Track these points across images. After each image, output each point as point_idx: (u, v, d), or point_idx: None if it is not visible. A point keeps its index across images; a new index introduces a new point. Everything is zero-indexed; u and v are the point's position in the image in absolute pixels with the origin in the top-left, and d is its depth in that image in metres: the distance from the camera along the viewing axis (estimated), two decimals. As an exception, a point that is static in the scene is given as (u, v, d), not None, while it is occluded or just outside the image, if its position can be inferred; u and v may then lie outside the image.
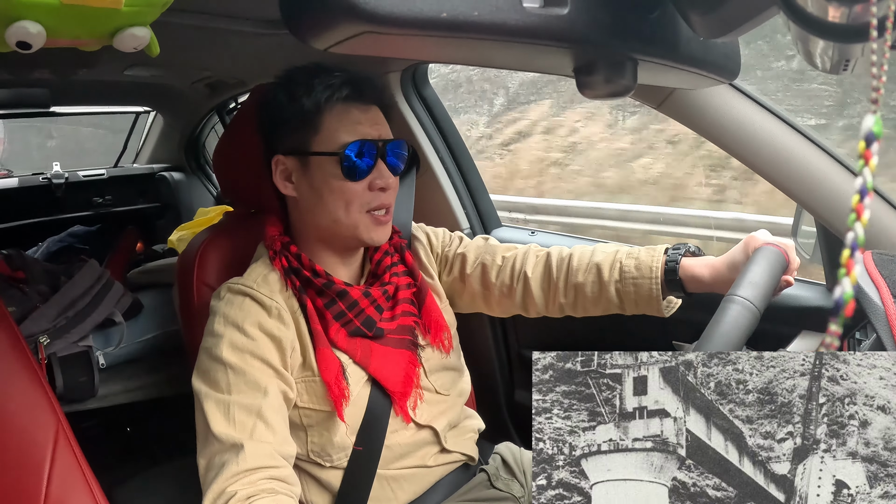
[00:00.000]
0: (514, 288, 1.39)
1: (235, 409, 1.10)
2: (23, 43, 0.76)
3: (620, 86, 0.83)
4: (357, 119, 1.24)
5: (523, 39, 0.70)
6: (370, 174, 1.23)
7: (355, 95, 1.24)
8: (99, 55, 1.00)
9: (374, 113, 1.27)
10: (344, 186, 1.22)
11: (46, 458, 1.14)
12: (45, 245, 3.30)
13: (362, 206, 1.23)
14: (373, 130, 1.24)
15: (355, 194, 1.22)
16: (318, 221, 1.26)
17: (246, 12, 1.53)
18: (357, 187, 1.22)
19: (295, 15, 0.68)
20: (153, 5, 0.81)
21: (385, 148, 1.25)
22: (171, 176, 3.72)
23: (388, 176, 1.25)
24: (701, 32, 0.77)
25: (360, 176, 1.22)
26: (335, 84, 1.22)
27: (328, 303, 1.25)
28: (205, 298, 1.30)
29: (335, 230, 1.26)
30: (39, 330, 2.02)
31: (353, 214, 1.23)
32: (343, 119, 1.23)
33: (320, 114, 1.22)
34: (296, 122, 1.23)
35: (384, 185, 1.24)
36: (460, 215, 2.19)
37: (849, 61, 0.63)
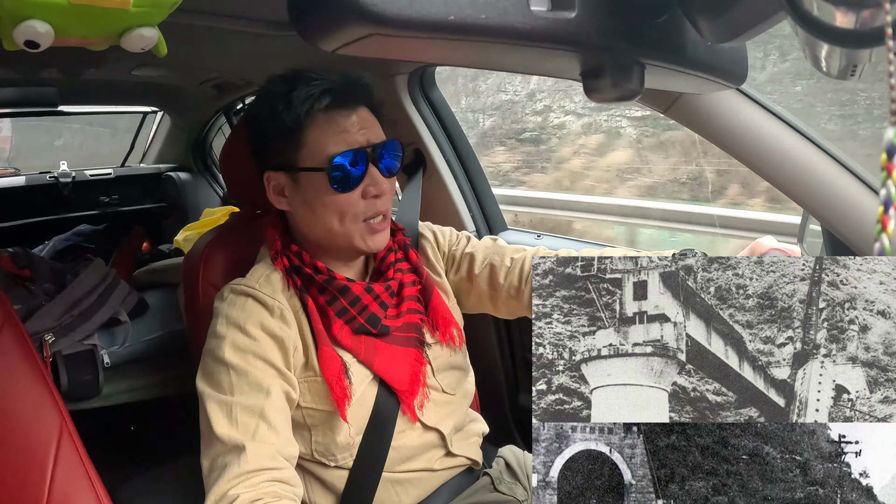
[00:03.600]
0: (521, 289, 1.38)
1: (238, 409, 1.10)
2: (31, 42, 0.77)
3: (628, 90, 0.83)
4: (342, 127, 1.21)
5: (531, 43, 0.70)
6: (362, 182, 1.21)
7: (338, 102, 1.21)
8: (107, 55, 1.01)
9: (361, 116, 1.24)
10: (336, 199, 1.20)
11: (50, 455, 1.15)
12: (51, 243, 3.30)
13: (356, 216, 1.22)
14: (360, 136, 1.21)
15: (349, 205, 1.21)
16: (315, 233, 1.26)
17: (254, 13, 1.53)
18: (350, 198, 1.20)
19: (303, 16, 0.68)
20: (161, 6, 0.81)
21: (375, 153, 1.22)
22: (177, 176, 3.73)
23: (382, 182, 1.23)
24: (708, 37, 0.77)
25: (353, 185, 1.20)
26: (314, 94, 1.19)
27: (330, 300, 1.25)
28: (210, 298, 1.30)
29: (332, 240, 1.25)
30: (45, 328, 2.02)
31: (347, 225, 1.22)
32: (327, 130, 1.20)
33: (302, 128, 1.20)
34: (280, 138, 1.21)
35: (378, 192, 1.22)
36: (466, 218, 2.19)
37: (856, 67, 0.63)
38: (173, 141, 3.74)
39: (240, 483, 1.03)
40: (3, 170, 3.52)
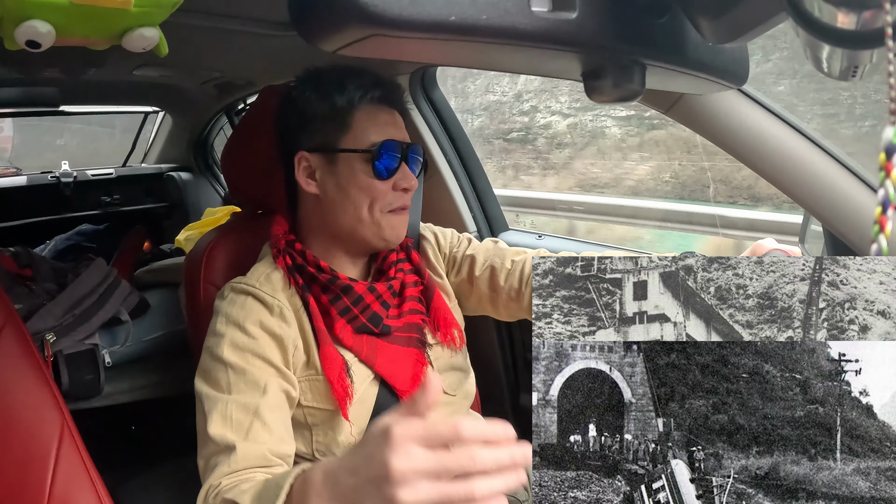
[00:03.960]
0: (522, 292, 1.38)
1: (233, 407, 1.10)
2: (32, 42, 0.77)
3: (629, 90, 0.83)
4: (385, 120, 1.27)
5: (532, 43, 0.70)
6: (395, 175, 1.25)
7: (384, 98, 1.28)
8: (108, 55, 1.01)
9: (397, 117, 1.30)
10: (372, 184, 1.23)
11: (51, 455, 1.15)
12: (52, 243, 3.31)
13: (385, 205, 1.25)
14: (398, 133, 1.27)
15: (381, 193, 1.24)
16: (340, 220, 1.27)
17: (255, 14, 1.53)
18: (383, 187, 1.24)
19: (304, 17, 0.69)
20: (162, 6, 0.81)
21: (408, 151, 1.27)
22: (179, 176, 3.73)
23: (411, 177, 1.27)
24: (710, 37, 0.77)
25: (388, 175, 1.24)
26: (367, 84, 1.25)
27: (333, 298, 1.25)
28: (211, 298, 1.30)
29: (356, 228, 1.26)
30: (46, 327, 2.02)
31: (376, 213, 1.25)
32: (373, 119, 1.25)
33: (352, 112, 1.24)
34: (326, 119, 1.25)
35: (408, 186, 1.27)
36: (468, 218, 2.19)
37: (857, 68, 0.63)
38: (175, 141, 3.74)
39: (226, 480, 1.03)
40: (4, 170, 3.52)
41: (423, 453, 0.67)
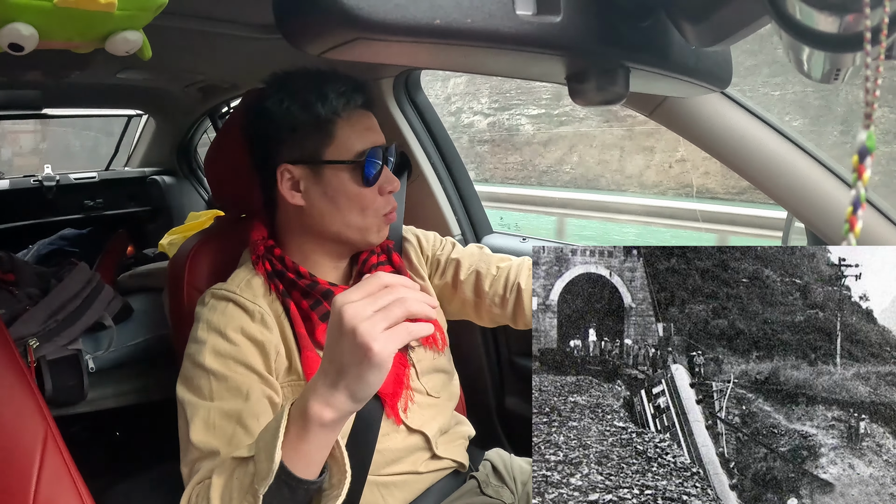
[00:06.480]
0: (506, 298, 1.39)
1: (216, 415, 1.10)
2: (15, 45, 0.76)
3: (613, 94, 0.83)
4: (366, 125, 1.26)
5: (516, 47, 0.70)
6: (380, 178, 1.26)
7: (364, 102, 1.27)
8: (91, 58, 1.00)
9: (373, 118, 1.30)
10: (361, 193, 1.24)
11: (35, 462, 1.14)
12: (35, 248, 3.27)
13: (377, 210, 1.26)
14: (378, 137, 1.27)
15: (370, 200, 1.25)
16: (329, 227, 1.26)
17: (239, 17, 1.52)
18: (372, 193, 1.25)
19: (288, 20, 0.68)
20: (146, 9, 0.81)
21: (387, 154, 1.27)
22: (162, 180, 3.71)
23: (394, 179, 1.28)
24: (693, 41, 0.78)
25: (374, 181, 1.25)
26: (348, 91, 1.24)
27: (313, 304, 1.25)
28: (195, 302, 1.30)
29: (345, 234, 1.27)
30: (29, 333, 2.00)
31: (368, 219, 1.26)
32: (355, 126, 1.24)
33: (335, 121, 1.23)
34: (308, 129, 1.23)
35: (392, 189, 1.27)
36: (451, 221, 2.19)
37: (839, 71, 0.63)
38: (158, 144, 3.72)
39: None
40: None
41: (366, 301, 0.82)
